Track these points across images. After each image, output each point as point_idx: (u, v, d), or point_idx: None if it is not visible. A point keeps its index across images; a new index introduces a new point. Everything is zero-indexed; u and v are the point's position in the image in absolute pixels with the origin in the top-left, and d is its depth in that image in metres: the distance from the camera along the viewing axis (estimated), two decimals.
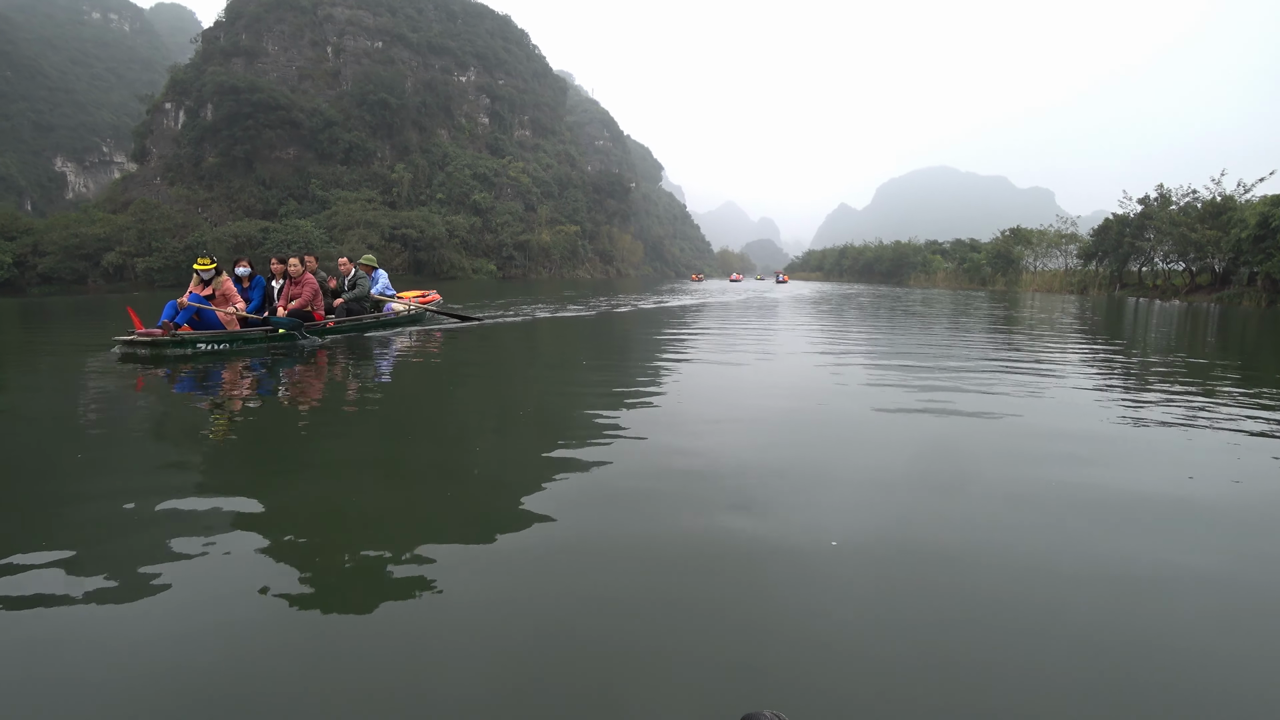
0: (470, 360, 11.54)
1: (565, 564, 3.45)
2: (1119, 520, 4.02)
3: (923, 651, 2.67)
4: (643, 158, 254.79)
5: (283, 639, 2.77)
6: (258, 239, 77.26)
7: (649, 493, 4.44)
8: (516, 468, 5.10)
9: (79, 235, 72.42)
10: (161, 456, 5.43)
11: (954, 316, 24.08)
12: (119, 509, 4.07)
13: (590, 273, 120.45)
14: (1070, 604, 3.04)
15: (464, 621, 2.89)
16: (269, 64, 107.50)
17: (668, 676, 2.51)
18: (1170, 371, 10.62)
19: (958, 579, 3.28)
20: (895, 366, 10.65)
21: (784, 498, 4.35)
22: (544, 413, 7.24)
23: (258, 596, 3.04)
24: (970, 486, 4.66)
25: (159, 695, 2.37)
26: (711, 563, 3.44)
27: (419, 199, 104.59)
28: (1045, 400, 7.71)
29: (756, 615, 2.95)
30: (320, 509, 4.25)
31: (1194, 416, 6.66)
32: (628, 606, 3.02)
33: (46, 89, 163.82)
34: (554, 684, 2.45)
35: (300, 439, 6.00)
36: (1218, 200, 40.43)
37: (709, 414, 6.97)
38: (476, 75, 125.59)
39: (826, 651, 2.70)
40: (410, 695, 2.37)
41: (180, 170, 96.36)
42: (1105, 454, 5.49)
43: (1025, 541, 3.72)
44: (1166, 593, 3.21)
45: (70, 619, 2.86)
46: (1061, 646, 2.69)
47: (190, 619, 2.88)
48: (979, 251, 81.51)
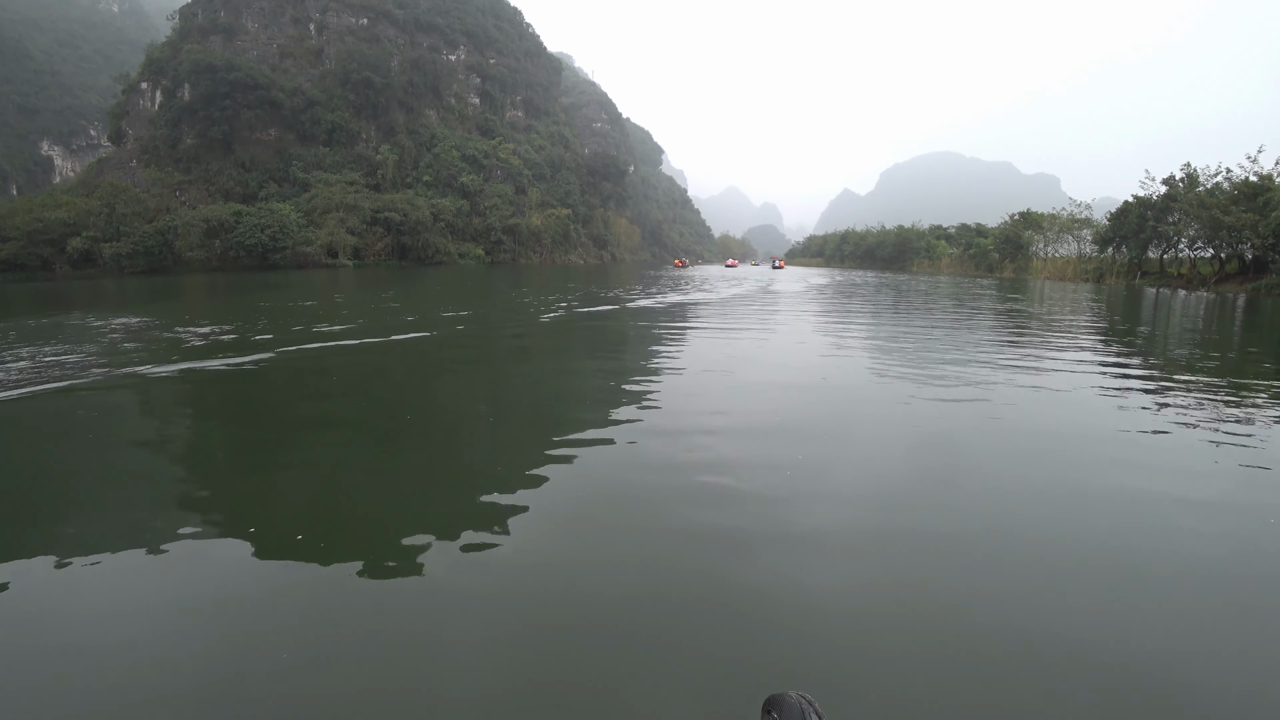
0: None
1: (568, 548, 3.66)
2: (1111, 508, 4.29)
3: (924, 632, 2.85)
4: (642, 141, 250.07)
5: (279, 633, 2.83)
6: (230, 223, 73.85)
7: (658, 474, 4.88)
8: (505, 463, 5.30)
9: (42, 220, 69.07)
10: (146, 458, 5.56)
11: (964, 324, 20.62)
12: (106, 505, 4.40)
13: (583, 257, 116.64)
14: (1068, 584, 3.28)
15: (467, 608, 3.00)
16: (248, 42, 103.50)
17: (675, 662, 2.62)
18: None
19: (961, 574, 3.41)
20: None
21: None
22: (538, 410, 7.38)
23: (252, 591, 3.15)
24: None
25: (156, 685, 2.48)
26: (711, 550, 3.62)
27: (404, 181, 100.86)
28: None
29: (761, 601, 3.08)
30: (318, 501, 4.43)
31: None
32: (635, 589, 3.20)
33: (32, 71, 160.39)
34: (557, 670, 2.55)
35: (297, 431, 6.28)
36: (1253, 180, 36.89)
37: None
38: (466, 54, 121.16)
39: (832, 635, 2.82)
40: (409, 687, 2.44)
41: (156, 152, 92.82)
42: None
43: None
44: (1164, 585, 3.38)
45: (64, 609, 3.00)
46: (1058, 630, 2.88)
47: (185, 616, 2.98)
48: (986, 237, 77.89)
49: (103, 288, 41.80)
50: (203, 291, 35.38)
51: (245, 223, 74.03)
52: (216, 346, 12.11)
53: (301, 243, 77.34)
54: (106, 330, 15.20)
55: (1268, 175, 36.61)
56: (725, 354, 11.41)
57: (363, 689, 2.40)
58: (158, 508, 4.41)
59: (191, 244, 72.55)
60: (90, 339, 13.64)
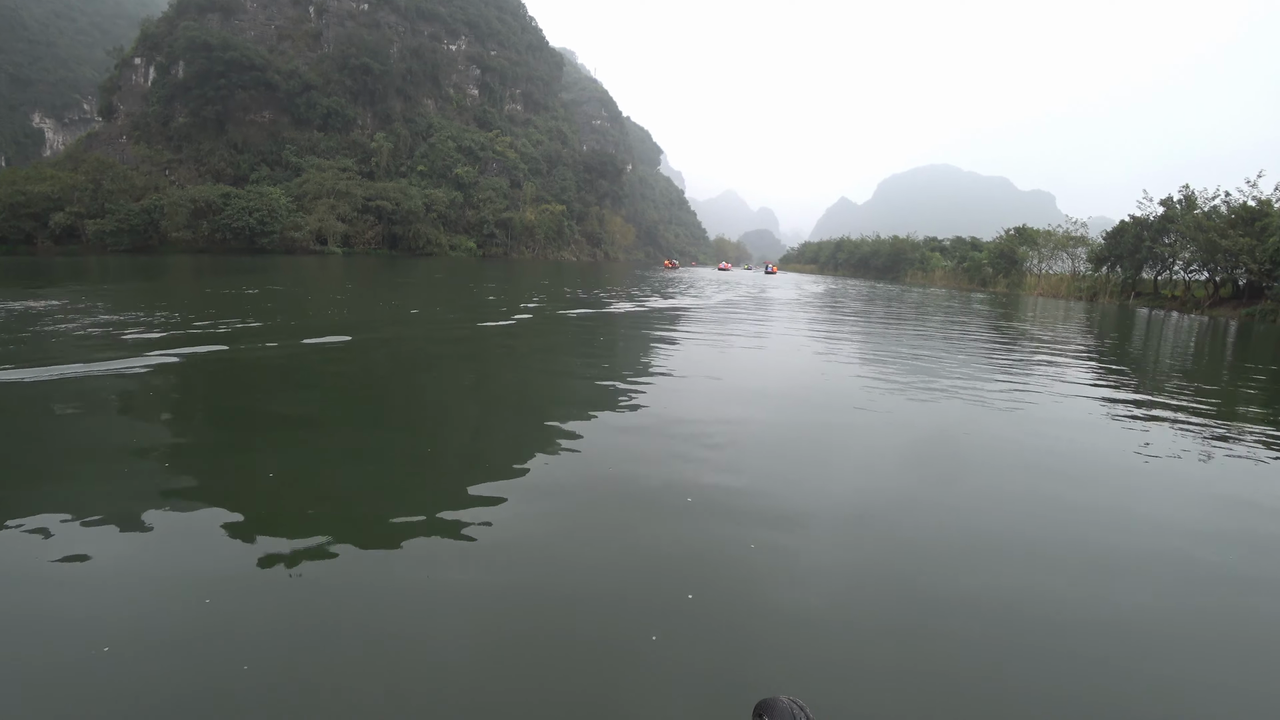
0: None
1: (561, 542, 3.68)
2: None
3: (912, 633, 2.88)
4: (641, 140, 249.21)
5: (267, 624, 2.81)
6: (218, 205, 72.56)
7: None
8: (498, 449, 5.54)
9: (25, 193, 67.58)
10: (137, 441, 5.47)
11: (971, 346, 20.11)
12: (95, 489, 4.29)
13: (576, 254, 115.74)
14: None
15: (455, 607, 2.98)
16: (246, 21, 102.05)
17: (666, 666, 2.59)
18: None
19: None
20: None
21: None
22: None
23: (243, 582, 3.12)
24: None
25: (140, 678, 2.47)
26: (704, 549, 3.65)
27: (399, 170, 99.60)
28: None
29: (753, 605, 3.08)
30: (312, 493, 4.39)
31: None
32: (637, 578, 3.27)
33: (26, 41, 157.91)
34: (546, 674, 2.53)
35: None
36: (1251, 205, 36.60)
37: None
38: (467, 44, 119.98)
39: (824, 640, 2.82)
40: (397, 685, 2.43)
41: (147, 129, 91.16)
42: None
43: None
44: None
45: (55, 594, 3.01)
46: (1047, 631, 2.96)
47: (165, 609, 2.95)
48: (980, 250, 77.60)
49: (65, 264, 40.47)
50: (161, 272, 33.97)
51: (233, 205, 72.75)
52: (100, 344, 10.33)
53: (290, 228, 76.12)
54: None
55: (1266, 200, 36.29)
56: (719, 361, 10.88)
57: (350, 685, 2.39)
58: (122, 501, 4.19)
59: (178, 224, 71.22)
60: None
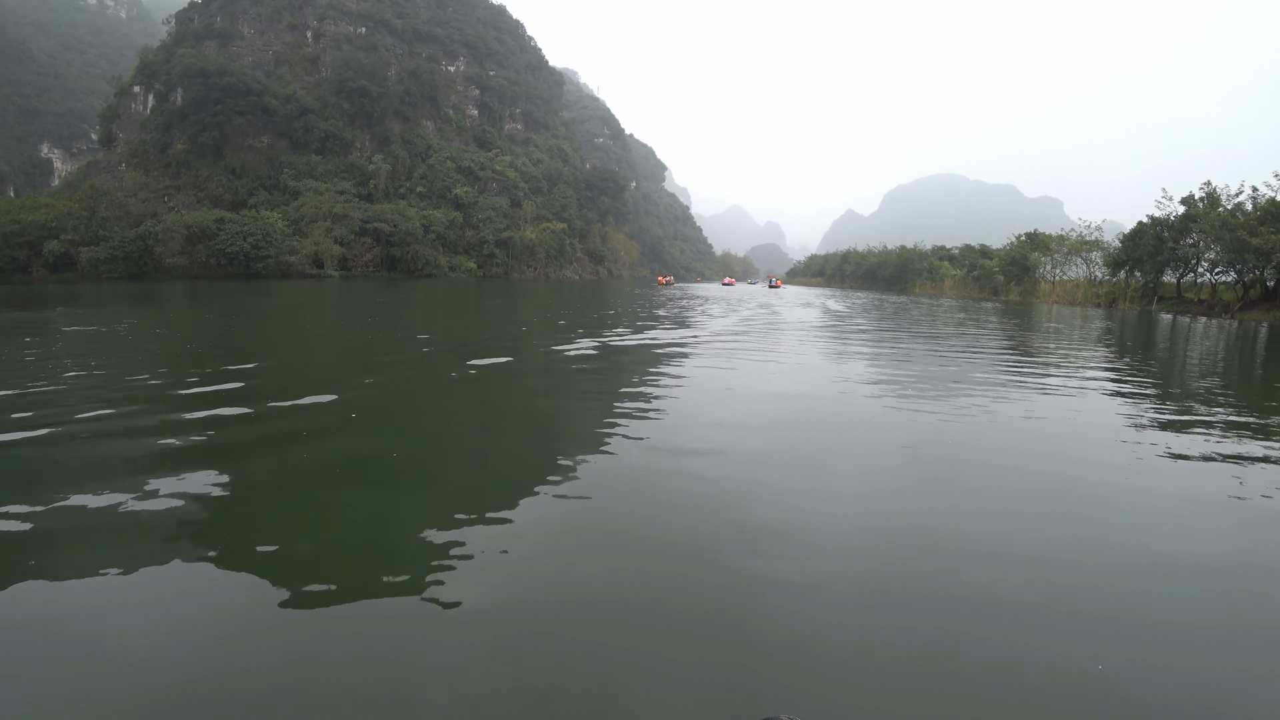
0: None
1: (567, 563, 3.55)
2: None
3: (918, 647, 2.84)
4: (645, 157, 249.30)
5: (275, 636, 2.81)
6: (212, 230, 71.71)
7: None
8: (514, 469, 5.18)
9: (19, 222, 67.09)
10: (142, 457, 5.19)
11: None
12: (95, 502, 4.09)
13: (579, 272, 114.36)
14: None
15: (462, 622, 2.95)
16: (244, 47, 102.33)
17: (668, 682, 2.57)
18: None
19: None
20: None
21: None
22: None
23: (248, 594, 3.10)
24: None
25: (152, 688, 2.46)
26: (707, 562, 3.57)
27: (397, 192, 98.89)
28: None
29: (758, 623, 3.03)
30: (318, 507, 4.25)
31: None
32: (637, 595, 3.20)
33: (35, 74, 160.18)
34: (551, 686, 2.52)
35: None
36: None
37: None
38: (466, 65, 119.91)
39: (830, 660, 2.78)
40: (402, 696, 2.44)
41: (145, 156, 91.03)
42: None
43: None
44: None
45: (61, 612, 2.95)
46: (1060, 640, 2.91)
47: (182, 616, 2.94)
48: (991, 258, 75.41)
49: (51, 292, 39.20)
50: (131, 300, 32.36)
51: (227, 230, 71.89)
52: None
53: (286, 252, 75.07)
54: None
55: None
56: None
57: (355, 698, 2.40)
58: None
59: (172, 250, 70.36)
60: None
